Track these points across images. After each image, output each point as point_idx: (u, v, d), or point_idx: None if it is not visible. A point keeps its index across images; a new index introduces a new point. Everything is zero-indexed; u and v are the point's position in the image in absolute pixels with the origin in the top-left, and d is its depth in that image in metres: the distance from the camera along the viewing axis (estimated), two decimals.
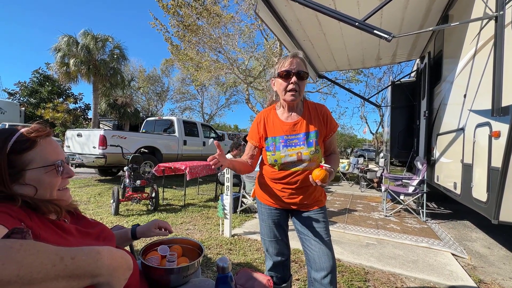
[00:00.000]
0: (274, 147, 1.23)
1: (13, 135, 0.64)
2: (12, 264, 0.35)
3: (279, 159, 1.21)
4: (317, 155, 1.19)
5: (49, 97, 21.45)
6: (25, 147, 0.63)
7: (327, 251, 1.19)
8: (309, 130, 1.21)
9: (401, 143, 5.68)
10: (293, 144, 1.20)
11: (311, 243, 1.23)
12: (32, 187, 0.64)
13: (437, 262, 2.32)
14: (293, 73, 1.14)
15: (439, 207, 4.64)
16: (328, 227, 1.27)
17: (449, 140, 3.09)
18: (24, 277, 0.36)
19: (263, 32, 10.51)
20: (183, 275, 0.92)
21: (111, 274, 0.48)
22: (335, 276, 1.19)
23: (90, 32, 14.59)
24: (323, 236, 1.22)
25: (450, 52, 3.30)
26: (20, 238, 0.42)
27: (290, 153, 1.20)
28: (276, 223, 1.33)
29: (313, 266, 1.20)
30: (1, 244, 0.37)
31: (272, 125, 1.26)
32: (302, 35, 3.92)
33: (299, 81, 1.16)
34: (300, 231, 1.29)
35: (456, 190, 2.77)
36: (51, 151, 0.68)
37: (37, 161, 0.65)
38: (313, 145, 1.18)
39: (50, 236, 0.58)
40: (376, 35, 2.16)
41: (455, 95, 3.04)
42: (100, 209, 3.86)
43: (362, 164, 8.00)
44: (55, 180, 0.68)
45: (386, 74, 15.51)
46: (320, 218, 1.26)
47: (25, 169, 0.63)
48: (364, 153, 23.11)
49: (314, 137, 1.20)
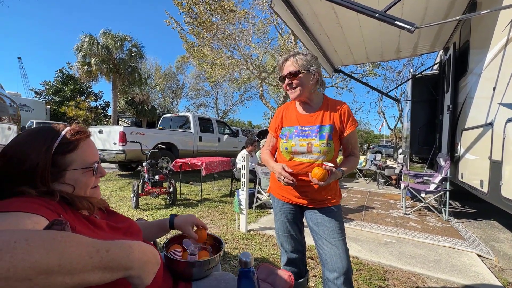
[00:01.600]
0: (287, 136, 1.27)
1: (57, 136, 0.66)
2: (54, 254, 0.37)
3: (289, 147, 1.25)
4: (327, 149, 1.19)
5: (71, 96, 22.47)
6: (69, 149, 0.66)
7: (339, 252, 1.17)
8: (323, 123, 1.23)
9: (422, 139, 5.45)
10: (306, 135, 1.23)
11: (323, 243, 1.22)
12: (70, 186, 0.67)
13: (461, 263, 2.23)
14: (284, 77, 1.23)
15: (462, 206, 4.44)
16: (342, 227, 1.23)
17: (475, 135, 2.93)
18: (64, 267, 0.38)
19: (277, 26, 10.40)
20: (205, 269, 0.94)
21: (141, 267, 0.49)
22: (349, 278, 1.16)
23: (109, 31, 15.07)
24: (336, 236, 1.19)
25: (478, 42, 3.11)
26: (60, 229, 0.44)
27: (301, 143, 1.22)
28: (290, 219, 1.35)
29: (326, 266, 1.20)
30: (45, 235, 0.39)
31: (290, 116, 1.32)
32: (318, 29, 3.83)
33: (292, 79, 1.21)
34: (313, 229, 1.28)
35: (483, 188, 2.63)
36: (90, 153, 0.72)
37: (77, 163, 0.68)
38: (325, 138, 1.19)
39: (83, 230, 0.61)
40: (398, 26, 2.07)
41: (483, 88, 2.86)
42: (121, 202, 4.02)
43: (379, 160, 7.78)
44: (91, 180, 0.72)
45: (406, 67, 14.92)
46: (333, 216, 1.23)
47: (66, 169, 0.66)
48: (381, 149, 22.45)
49: (328, 131, 1.20)
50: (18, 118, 1.95)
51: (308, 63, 1.20)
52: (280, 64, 1.25)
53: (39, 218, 0.51)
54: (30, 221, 0.49)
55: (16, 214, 0.49)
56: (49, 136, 0.66)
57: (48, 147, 0.64)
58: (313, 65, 1.21)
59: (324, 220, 1.22)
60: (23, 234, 0.38)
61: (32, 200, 0.57)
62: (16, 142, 0.65)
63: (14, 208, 0.50)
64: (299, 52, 1.24)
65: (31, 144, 0.63)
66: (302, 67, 1.19)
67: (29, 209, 0.52)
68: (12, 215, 0.49)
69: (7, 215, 0.48)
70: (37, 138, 0.65)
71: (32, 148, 0.63)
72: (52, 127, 0.70)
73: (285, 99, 10.49)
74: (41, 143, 0.64)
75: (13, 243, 0.36)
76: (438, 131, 4.73)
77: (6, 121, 1.69)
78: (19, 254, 0.35)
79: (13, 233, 0.38)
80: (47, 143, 0.64)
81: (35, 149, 0.63)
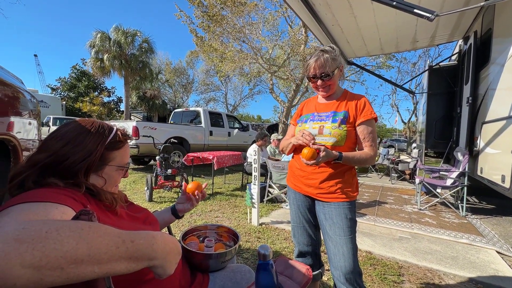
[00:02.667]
0: (303, 121, 1.34)
1: (111, 132, 0.73)
2: (83, 244, 0.38)
3: (302, 130, 1.27)
4: (338, 132, 1.18)
5: (85, 91, 23.03)
6: (117, 146, 0.74)
7: (342, 250, 1.13)
8: (337, 110, 1.25)
9: (438, 132, 5.27)
10: (320, 119, 1.26)
11: (328, 238, 1.20)
12: (103, 179, 0.73)
13: (480, 260, 2.17)
14: (317, 77, 1.22)
15: (480, 202, 4.30)
16: (352, 225, 1.17)
17: (497, 129, 2.80)
18: (93, 257, 0.39)
19: (287, 19, 10.20)
20: (221, 261, 0.95)
21: (164, 258, 0.50)
22: (353, 278, 1.12)
23: (120, 27, 15.26)
24: (341, 233, 1.15)
25: (502, 30, 2.94)
26: (87, 219, 0.45)
27: (314, 126, 1.26)
28: (302, 210, 1.34)
29: (330, 263, 1.20)
30: (73, 226, 0.40)
31: (309, 106, 1.38)
32: (331, 20, 3.72)
33: (326, 81, 1.22)
34: (321, 223, 1.25)
35: (505, 183, 2.52)
36: (126, 155, 0.80)
37: (117, 160, 0.75)
38: (337, 122, 1.20)
39: (107, 220, 0.63)
40: (416, 14, 1.98)
41: (507, 79, 2.72)
42: (135, 195, 4.12)
43: (393, 155, 7.61)
44: (119, 178, 0.79)
45: (422, 58, 14.41)
46: (342, 212, 1.17)
47: (107, 164, 0.72)
48: (394, 143, 21.92)
49: (342, 116, 1.22)
50: (38, 113, 2.00)
51: (338, 62, 1.21)
52: (311, 64, 1.21)
53: (66, 208, 0.53)
54: (58, 211, 0.51)
55: (44, 204, 0.51)
56: (105, 131, 0.72)
57: (103, 141, 0.70)
58: (340, 61, 1.23)
59: (332, 215, 1.19)
60: (54, 224, 0.39)
61: (59, 191, 0.58)
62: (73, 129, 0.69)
63: (42, 199, 0.52)
64: (325, 50, 1.20)
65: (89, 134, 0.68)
66: (334, 67, 1.20)
67: (57, 199, 0.53)
68: (41, 205, 0.50)
69: (36, 205, 0.50)
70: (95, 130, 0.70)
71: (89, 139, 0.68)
72: (105, 123, 0.76)
73: (295, 93, 10.34)
74: (98, 136, 0.70)
75: (45, 233, 0.36)
76: (455, 125, 4.56)
77: (26, 116, 1.73)
78: (51, 244, 0.36)
79: (44, 223, 0.39)
80: (103, 137, 0.70)
81: (93, 140, 0.68)
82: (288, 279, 0.79)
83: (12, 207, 0.48)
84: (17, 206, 0.49)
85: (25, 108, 1.67)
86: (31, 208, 0.49)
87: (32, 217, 0.46)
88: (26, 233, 0.36)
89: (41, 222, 0.39)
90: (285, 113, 10.42)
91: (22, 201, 0.50)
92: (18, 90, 1.60)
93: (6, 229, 0.37)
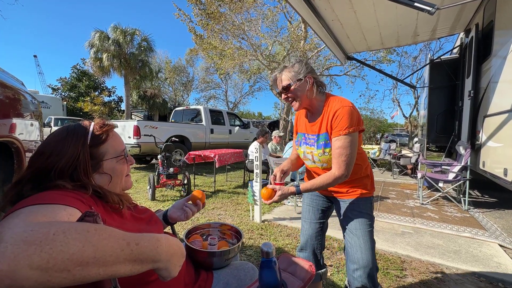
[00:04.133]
0: (299, 143, 1.34)
1: (88, 130, 0.71)
2: (89, 247, 0.39)
3: (300, 154, 1.33)
4: (326, 158, 1.19)
5: (86, 91, 23.04)
6: (101, 140, 0.72)
7: (359, 242, 1.15)
8: (320, 132, 1.20)
9: (440, 126, 5.25)
10: (310, 143, 1.26)
11: (347, 233, 1.23)
12: (108, 175, 0.73)
13: (482, 253, 2.17)
14: (280, 92, 1.23)
15: (482, 195, 4.29)
16: (369, 218, 1.19)
17: (499, 122, 2.78)
18: (99, 259, 0.39)
19: (286, 14, 10.12)
20: (225, 258, 0.96)
21: (169, 260, 0.51)
22: (368, 272, 1.11)
23: (119, 26, 15.20)
24: (359, 227, 1.17)
25: (504, 22, 2.91)
26: (92, 221, 0.46)
27: (307, 151, 1.27)
28: (314, 206, 1.39)
29: (348, 257, 1.21)
30: (80, 228, 0.41)
31: (301, 122, 1.35)
32: (330, 15, 3.69)
33: (286, 94, 1.20)
34: (340, 219, 1.29)
35: (507, 177, 2.52)
36: (118, 142, 0.77)
37: (110, 152, 0.74)
38: (321, 148, 1.19)
39: (112, 222, 0.64)
40: (417, 8, 1.97)
41: (509, 72, 2.70)
42: (138, 194, 4.15)
43: (394, 150, 7.59)
44: (124, 167, 0.78)
45: (423, 52, 14.31)
46: (359, 208, 1.20)
47: (102, 159, 0.72)
48: (396, 138, 21.84)
49: (323, 139, 1.19)
50: (39, 115, 2.01)
51: (296, 73, 1.16)
52: (273, 82, 1.26)
53: (73, 210, 0.53)
54: (65, 212, 0.51)
55: (52, 206, 0.51)
56: (81, 131, 0.70)
57: (83, 141, 0.69)
58: (303, 72, 1.16)
59: (349, 211, 1.23)
60: (61, 226, 0.39)
61: (67, 193, 0.59)
62: (51, 140, 0.68)
63: (50, 201, 0.53)
64: (285, 65, 1.21)
65: (66, 140, 0.67)
66: (291, 79, 1.16)
67: (64, 201, 0.54)
68: (49, 207, 0.51)
69: (45, 207, 0.51)
70: (70, 135, 0.69)
71: (68, 144, 0.67)
72: (79, 123, 0.74)
73: None
74: (76, 138, 0.68)
75: (52, 235, 0.37)
76: (457, 118, 4.54)
77: (28, 117, 1.74)
78: (58, 246, 0.36)
79: (51, 225, 0.39)
80: (81, 138, 0.69)
81: (72, 144, 0.67)
82: (292, 275, 0.80)
83: (22, 209, 0.49)
84: (27, 208, 0.50)
85: (26, 109, 1.67)
86: (39, 210, 0.50)
87: (40, 219, 0.47)
88: (34, 235, 0.36)
89: (48, 224, 0.40)
90: (286, 110, 10.40)
91: (32, 203, 0.51)
92: (19, 92, 1.60)
93: (15, 230, 0.38)
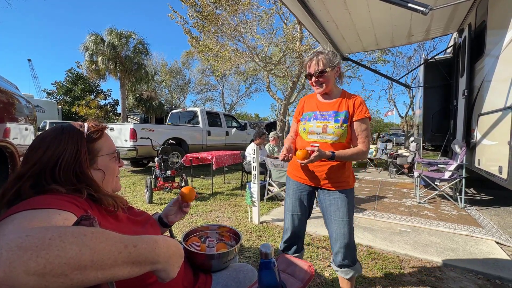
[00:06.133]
0: (306, 119, 1.45)
1: (83, 128, 0.74)
2: (87, 250, 0.38)
3: (307, 128, 1.42)
4: (341, 131, 1.33)
5: (82, 95, 22.87)
6: (97, 136, 0.75)
7: (344, 231, 1.34)
8: (339, 110, 1.38)
9: (435, 125, 5.30)
10: (323, 118, 1.39)
11: (331, 221, 1.38)
12: (102, 171, 0.75)
13: (479, 251, 2.19)
14: (312, 75, 1.37)
15: (478, 193, 4.33)
16: (350, 209, 1.36)
17: (493, 120, 2.82)
18: (97, 263, 0.39)
19: (282, 16, 10.16)
20: (224, 260, 0.95)
21: (167, 261, 0.50)
22: (350, 252, 1.35)
23: (114, 29, 15.13)
24: (344, 217, 1.35)
25: (496, 22, 2.95)
26: (88, 224, 0.45)
27: (317, 125, 1.39)
28: (300, 200, 1.48)
29: (332, 240, 1.40)
30: (76, 232, 0.40)
31: (310, 104, 1.50)
32: (325, 16, 3.72)
33: (320, 78, 1.35)
34: (325, 208, 1.43)
35: (502, 174, 2.55)
36: (110, 142, 0.80)
37: (104, 149, 0.76)
38: (339, 122, 1.34)
39: (108, 225, 0.63)
40: (411, 8, 1.99)
41: (502, 71, 2.74)
42: (135, 198, 4.12)
43: (391, 149, 7.64)
44: (116, 166, 0.80)
45: (417, 52, 14.43)
46: (344, 199, 1.36)
47: (97, 155, 0.74)
48: (392, 138, 22.01)
49: (343, 116, 1.35)
50: (34, 119, 1.99)
51: (330, 61, 1.34)
52: (306, 63, 1.40)
53: (68, 214, 0.53)
54: (60, 217, 0.51)
55: (47, 210, 0.51)
56: (76, 128, 0.73)
57: (80, 136, 0.71)
58: (336, 62, 1.35)
59: (336, 201, 1.37)
60: (57, 230, 0.39)
61: (61, 197, 0.58)
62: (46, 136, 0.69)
63: (44, 205, 0.52)
64: (321, 51, 1.36)
65: (62, 136, 0.68)
66: (327, 66, 1.33)
67: (59, 205, 0.53)
68: (43, 212, 0.50)
69: (39, 212, 0.50)
70: (66, 131, 0.70)
71: (66, 140, 0.68)
72: (72, 123, 0.76)
73: (292, 91, 10.33)
74: (73, 134, 0.70)
75: (48, 240, 0.36)
76: (452, 117, 4.59)
77: (23, 121, 1.72)
78: (54, 251, 0.36)
79: (47, 230, 0.39)
80: (78, 134, 0.71)
81: (70, 139, 0.68)
82: (291, 276, 0.80)
83: (16, 215, 0.48)
84: (21, 213, 0.49)
85: (21, 114, 1.66)
86: (34, 215, 0.49)
87: (35, 224, 0.46)
88: (29, 241, 0.36)
89: (44, 229, 0.39)
90: (283, 111, 10.42)
91: (26, 208, 0.50)
92: (13, 96, 1.59)
93: (10, 236, 0.37)
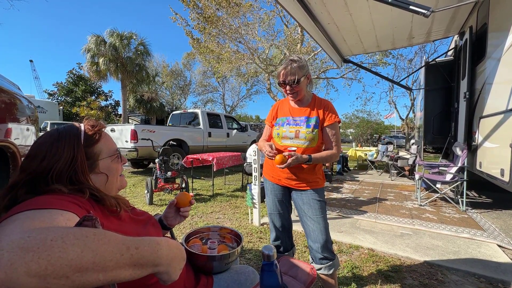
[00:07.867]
0: (280, 124, 1.51)
1: (79, 131, 0.71)
2: (88, 252, 0.38)
3: (280, 133, 1.48)
4: (312, 136, 1.40)
5: (83, 96, 22.94)
6: (94, 140, 0.72)
7: (319, 227, 1.40)
8: (310, 115, 1.44)
9: (436, 128, 5.29)
10: (295, 123, 1.45)
11: (307, 219, 1.43)
12: (104, 175, 0.73)
13: (482, 254, 2.18)
14: (286, 83, 1.40)
15: (480, 196, 4.31)
16: (323, 206, 1.43)
17: (495, 123, 2.81)
18: (98, 265, 0.38)
19: (283, 18, 10.21)
20: (225, 262, 0.95)
21: (169, 263, 0.50)
22: (328, 246, 1.41)
23: (115, 30, 15.20)
24: (318, 214, 1.41)
25: (497, 24, 2.96)
26: (90, 225, 0.45)
27: (290, 130, 1.45)
28: (279, 199, 1.55)
29: (309, 238, 1.44)
30: (78, 233, 0.40)
31: (283, 109, 1.55)
32: (326, 18, 3.73)
33: (294, 86, 1.38)
34: (299, 207, 1.48)
35: (504, 177, 2.54)
36: (110, 142, 0.78)
37: (104, 152, 0.74)
38: (310, 127, 1.41)
39: (110, 225, 0.63)
40: (412, 11, 1.99)
41: (503, 73, 2.73)
42: (136, 199, 4.11)
43: (392, 151, 7.62)
44: (119, 166, 0.78)
45: (418, 55, 14.44)
46: (316, 197, 1.43)
47: (98, 159, 0.72)
48: (393, 140, 21.98)
49: (314, 121, 1.42)
50: (35, 119, 1.99)
51: (303, 69, 1.38)
52: (280, 72, 1.42)
53: (70, 215, 0.52)
54: (63, 217, 0.50)
55: (49, 211, 0.50)
56: (73, 132, 0.70)
57: (77, 142, 0.68)
58: (307, 70, 1.40)
59: (309, 200, 1.43)
60: (59, 231, 0.38)
61: (64, 197, 0.58)
62: (43, 143, 0.67)
63: (47, 206, 0.52)
64: (294, 60, 1.39)
65: (59, 142, 0.66)
66: (301, 75, 1.36)
67: (61, 206, 0.53)
68: (45, 212, 0.50)
69: (42, 212, 0.49)
70: (62, 136, 0.68)
71: (62, 146, 0.66)
72: (70, 125, 0.74)
73: None
74: (69, 139, 0.68)
75: (50, 241, 0.36)
76: (453, 120, 4.58)
77: (24, 122, 1.72)
78: (56, 252, 0.35)
79: (48, 231, 0.38)
80: (74, 139, 0.68)
81: (66, 146, 0.66)
82: (293, 279, 0.79)
83: (18, 215, 0.48)
84: (23, 213, 0.49)
85: (22, 114, 1.66)
86: (36, 215, 0.49)
87: (37, 224, 0.46)
88: (31, 242, 0.35)
89: (45, 230, 0.39)
90: None
91: (28, 208, 0.50)
92: (15, 97, 1.59)
93: (12, 237, 0.37)
